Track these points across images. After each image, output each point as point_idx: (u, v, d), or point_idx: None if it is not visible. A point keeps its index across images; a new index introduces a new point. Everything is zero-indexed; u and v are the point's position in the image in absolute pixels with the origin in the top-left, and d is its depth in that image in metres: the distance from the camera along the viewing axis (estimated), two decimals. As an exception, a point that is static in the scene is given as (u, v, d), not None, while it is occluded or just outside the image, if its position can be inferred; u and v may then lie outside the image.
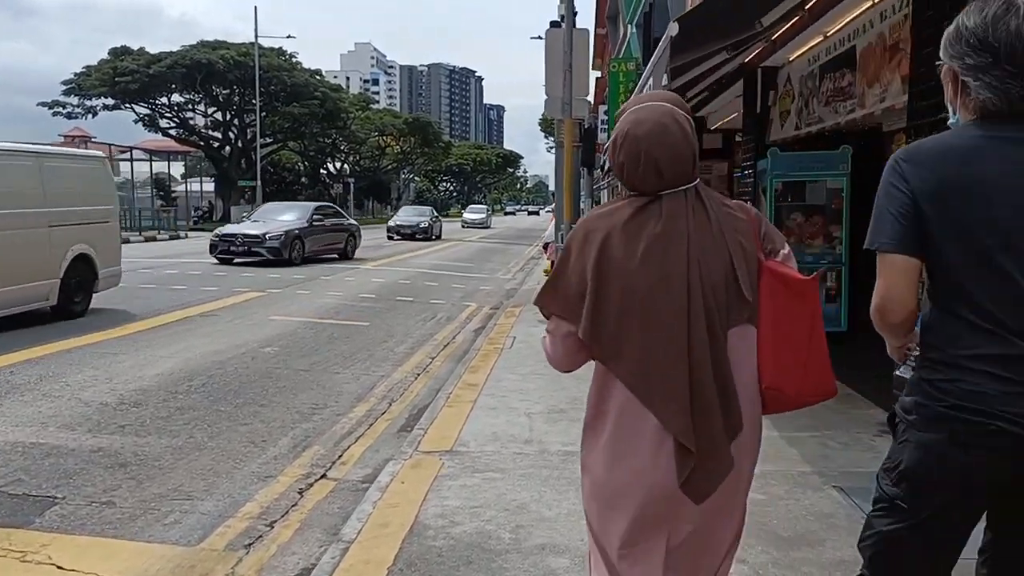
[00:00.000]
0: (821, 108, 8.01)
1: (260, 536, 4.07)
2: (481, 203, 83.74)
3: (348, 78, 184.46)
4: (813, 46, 8.42)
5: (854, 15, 7.10)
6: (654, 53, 6.63)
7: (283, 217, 20.93)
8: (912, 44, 5.49)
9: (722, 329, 1.90)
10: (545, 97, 9.70)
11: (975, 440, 1.75)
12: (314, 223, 21.07)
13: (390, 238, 34.36)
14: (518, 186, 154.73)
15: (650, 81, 6.20)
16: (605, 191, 40.96)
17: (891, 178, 1.87)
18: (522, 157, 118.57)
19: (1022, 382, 1.72)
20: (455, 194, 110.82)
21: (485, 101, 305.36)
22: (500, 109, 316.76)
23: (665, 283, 1.88)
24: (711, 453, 1.88)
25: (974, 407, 1.75)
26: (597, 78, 34.14)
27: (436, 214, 39.64)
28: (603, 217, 1.99)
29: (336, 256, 22.01)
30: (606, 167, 31.71)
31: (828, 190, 9.29)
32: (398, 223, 36.21)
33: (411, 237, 34.50)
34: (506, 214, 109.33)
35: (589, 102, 9.94)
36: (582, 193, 18.58)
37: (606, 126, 20.88)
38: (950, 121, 1.96)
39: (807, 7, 7.36)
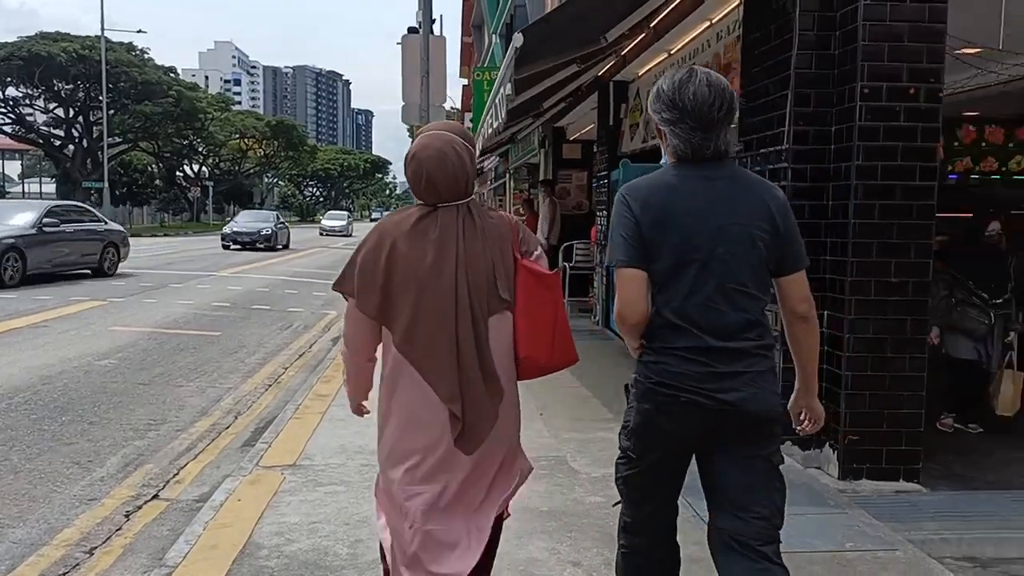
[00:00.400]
0: (666, 122, 8.34)
1: (77, 564, 3.80)
2: (344, 209, 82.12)
3: (207, 77, 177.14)
4: (659, 62, 8.76)
5: (694, 34, 7.43)
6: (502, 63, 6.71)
7: (-3, 221, 15.20)
8: (741, 64, 5.79)
9: (483, 316, 2.38)
10: (403, 103, 9.64)
11: (673, 409, 2.32)
12: (46, 229, 15.56)
13: (226, 247, 29.71)
14: (387, 192, 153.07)
15: (501, 90, 6.25)
16: (475, 197, 41.12)
17: (620, 209, 2.36)
18: (391, 163, 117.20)
19: (707, 364, 2.28)
20: (322, 199, 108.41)
21: (353, 105, 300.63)
22: (368, 114, 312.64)
23: (439, 279, 2.35)
24: (475, 416, 2.38)
25: (672, 384, 2.31)
26: (464, 86, 34.25)
27: (281, 219, 34.44)
28: (395, 221, 2.47)
29: (89, 272, 17.00)
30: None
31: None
32: (235, 230, 30.76)
33: (251, 246, 29.68)
34: (372, 220, 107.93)
35: (446, 109, 9.92)
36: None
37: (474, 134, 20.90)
38: (661, 161, 2.47)
39: (652, 25, 7.66)
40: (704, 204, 2.29)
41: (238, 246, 29.63)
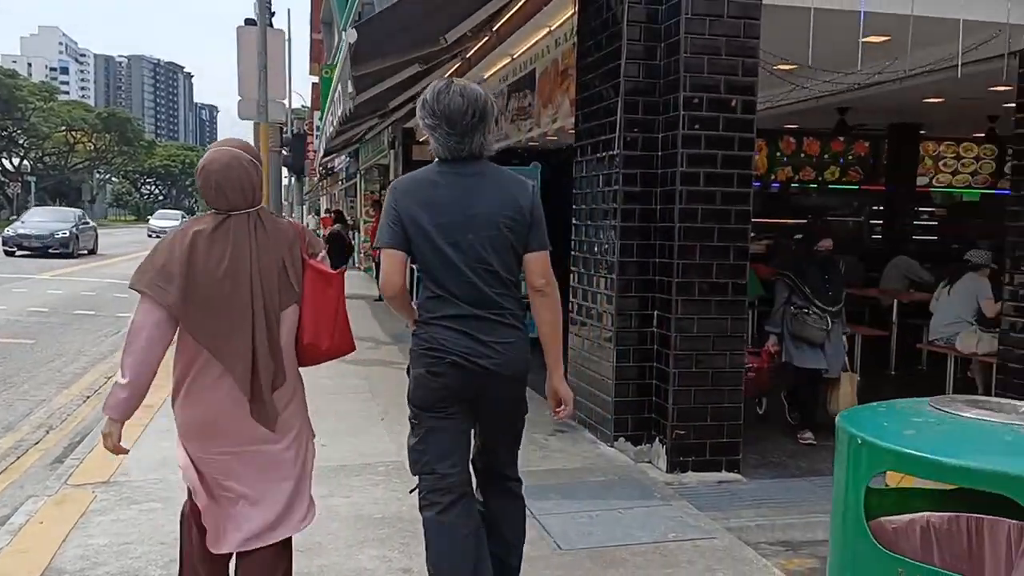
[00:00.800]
0: (508, 126, 8.44)
1: None
2: (186, 209, 77.95)
3: (30, 64, 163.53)
4: (503, 66, 8.85)
5: (535, 40, 7.55)
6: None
7: None
8: (576, 70, 5.94)
9: (275, 311, 2.64)
10: (239, 98, 9.25)
11: (442, 370, 2.69)
12: None
13: (9, 253, 23.90)
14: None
15: (339, 88, 6.10)
16: (325, 197, 40.27)
17: (389, 199, 2.78)
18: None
19: (465, 331, 2.68)
20: (161, 198, 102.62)
21: (196, 100, 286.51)
22: (213, 109, 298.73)
23: (234, 278, 2.59)
24: (265, 396, 2.62)
25: (438, 348, 2.69)
26: (314, 84, 33.37)
27: (86, 219, 28.63)
28: (194, 224, 2.69)
29: None
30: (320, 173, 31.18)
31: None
32: (20, 232, 24.65)
33: (43, 252, 23.83)
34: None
35: (291, 107, 9.61)
36: (291, 200, 17.97)
37: (320, 132, 20.43)
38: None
39: (495, 28, 7.72)
40: (459, 196, 2.72)
41: (26, 252, 23.93)
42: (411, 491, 2.88)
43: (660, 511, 4.23)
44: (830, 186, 14.13)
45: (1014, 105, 5.92)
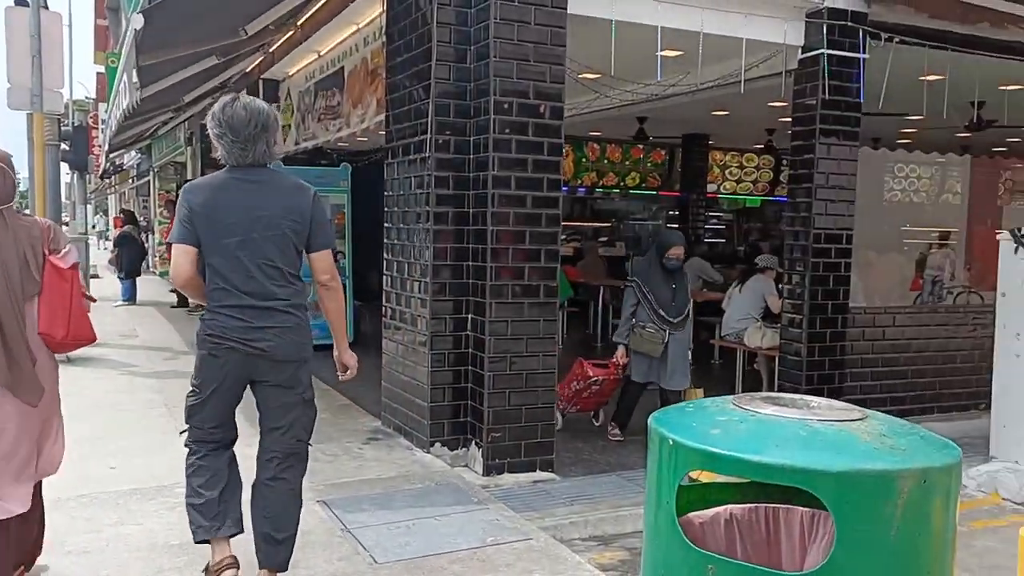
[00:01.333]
0: (315, 125, 8.16)
1: None
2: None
3: None
4: (310, 63, 8.55)
5: (343, 37, 7.35)
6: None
7: None
8: (386, 70, 5.83)
9: (19, 302, 2.98)
10: (8, 86, 8.30)
11: (220, 352, 3.07)
12: None
13: None
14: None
15: (124, 78, 5.61)
16: (113, 196, 37.24)
17: (182, 200, 3.10)
18: (11, 155, 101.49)
19: (243, 319, 3.04)
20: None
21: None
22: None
23: None
24: (23, 379, 2.99)
25: (219, 334, 3.05)
26: (99, 73, 30.84)
27: None
28: None
29: None
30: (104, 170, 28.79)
31: (331, 206, 9.52)
32: None
33: None
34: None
35: (64, 95, 8.73)
36: (73, 199, 16.45)
37: (105, 125, 18.86)
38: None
39: (299, 23, 7.43)
40: (245, 199, 3.04)
41: None
42: (180, 432, 3.28)
43: (478, 515, 4.22)
44: (631, 191, 14.90)
45: (790, 119, 6.45)
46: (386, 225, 5.91)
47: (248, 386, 3.19)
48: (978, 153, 12.92)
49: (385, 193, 5.88)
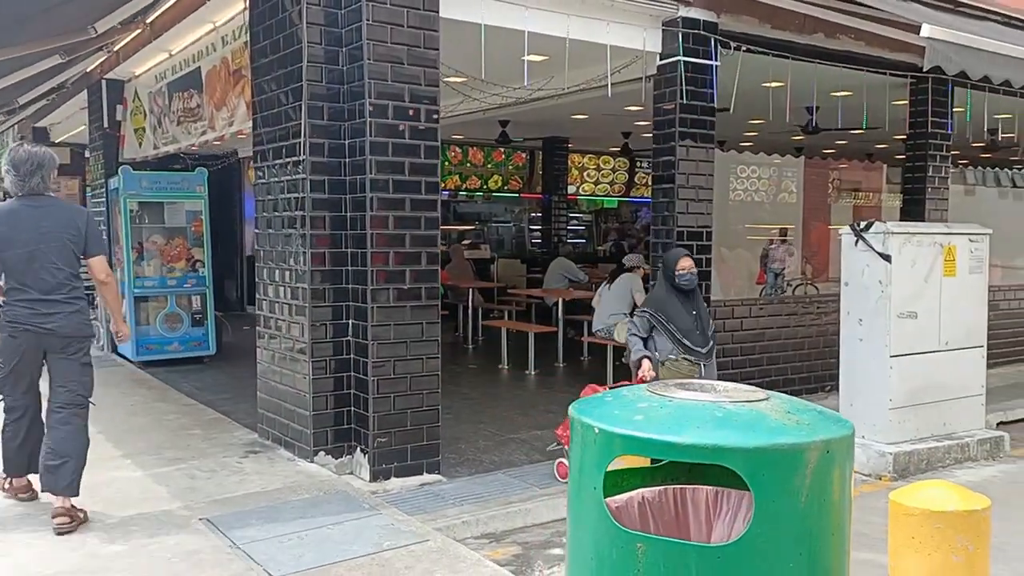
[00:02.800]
0: (175, 128, 7.78)
1: None
2: None
3: None
4: (160, 62, 8.14)
5: (197, 36, 7.05)
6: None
7: None
8: (251, 72, 5.65)
9: None
10: None
11: (18, 334, 4.08)
12: None
13: None
14: None
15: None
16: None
17: None
18: None
19: (35, 310, 4.04)
20: None
21: None
22: None
23: None
24: None
25: (16, 321, 4.06)
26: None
27: None
28: None
29: None
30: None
31: (188, 212, 9.10)
32: None
33: None
34: None
35: None
36: None
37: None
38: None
39: (148, 21, 7.07)
40: (32, 219, 4.08)
41: None
42: None
43: (370, 521, 4.18)
44: (494, 194, 15.10)
45: (645, 123, 6.76)
46: (255, 231, 5.72)
47: (44, 360, 4.17)
48: (810, 155, 14.00)
49: (256, 198, 5.70)
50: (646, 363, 4.91)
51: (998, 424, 6.73)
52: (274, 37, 5.32)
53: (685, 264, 5.03)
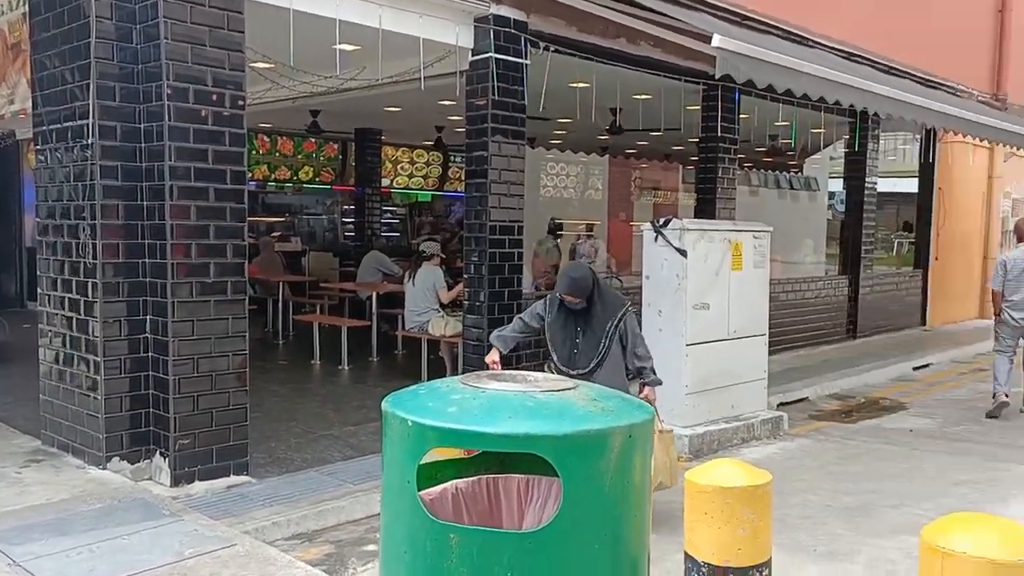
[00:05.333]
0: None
1: None
2: None
3: None
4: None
5: (-35, 2, 6.31)
6: None
7: None
8: (31, 46, 5.14)
9: None
10: None
11: None
12: None
13: None
14: None
15: None
16: None
17: None
18: None
19: None
20: None
21: None
22: None
23: None
24: None
25: None
26: None
27: None
28: None
29: None
30: None
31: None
32: None
33: None
34: None
35: None
36: None
37: None
38: None
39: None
40: None
41: None
42: None
43: (171, 528, 3.93)
44: (305, 185, 14.66)
45: (459, 117, 6.83)
46: (37, 220, 5.23)
47: None
48: (614, 154, 14.73)
49: (36, 185, 5.19)
50: (494, 352, 4.67)
51: (778, 405, 7.39)
52: (57, 9, 4.87)
53: (568, 299, 4.48)
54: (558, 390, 1.93)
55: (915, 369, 9.56)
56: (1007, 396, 7.34)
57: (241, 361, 4.91)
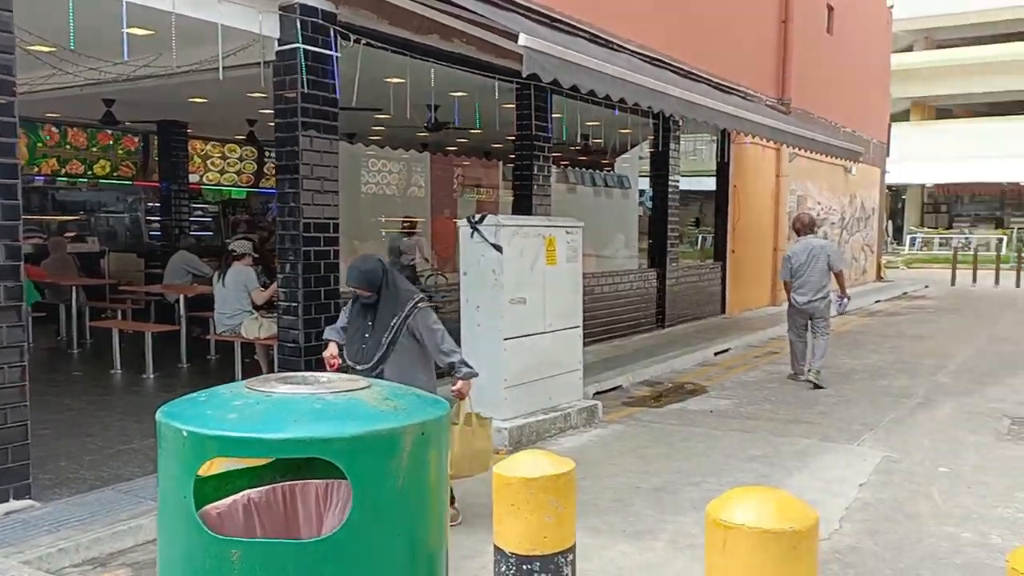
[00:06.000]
0: None
1: None
2: None
3: None
4: None
5: None
6: None
7: None
8: None
9: None
10: None
11: None
12: None
13: None
14: None
15: None
16: None
17: None
18: None
19: None
20: None
21: None
22: None
23: None
24: None
25: None
26: None
27: None
28: None
29: None
30: None
31: None
32: None
33: None
34: None
35: None
36: None
37: None
38: None
39: None
40: None
41: None
42: None
43: (-68, 568, 3.50)
44: (102, 181, 13.57)
45: (271, 111, 6.55)
46: None
47: None
48: (436, 151, 14.75)
49: None
50: (332, 347, 4.56)
51: (594, 394, 7.67)
52: None
53: (358, 292, 4.43)
54: (350, 391, 1.86)
55: (716, 354, 10.23)
56: (802, 366, 8.56)
57: (19, 374, 4.45)
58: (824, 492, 5.07)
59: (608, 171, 15.20)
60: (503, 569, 2.72)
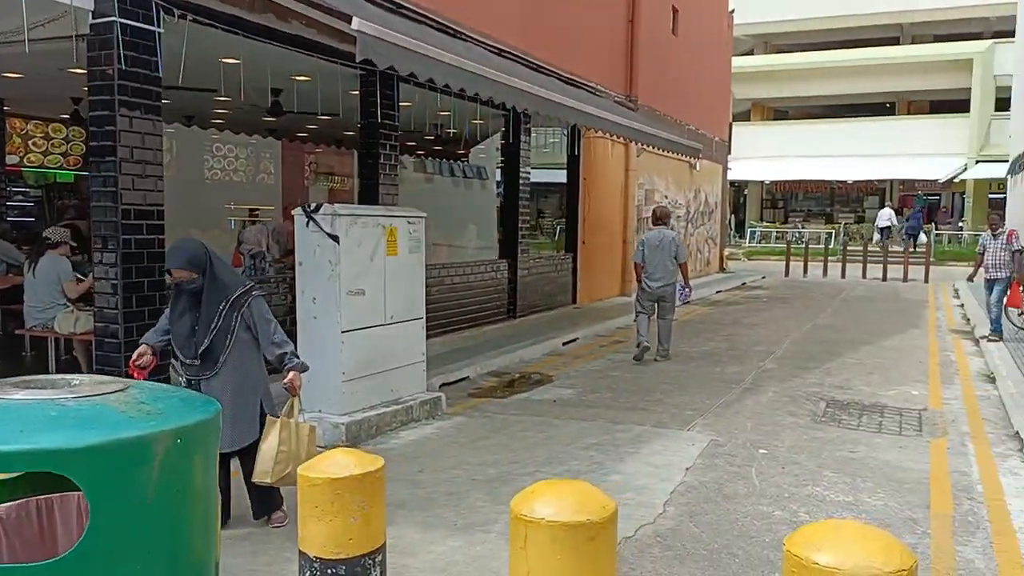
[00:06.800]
0: None
1: None
2: None
3: None
4: None
5: None
6: None
7: None
8: None
9: None
10: None
11: None
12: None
13: None
14: None
15: None
16: None
17: None
18: None
19: None
20: None
21: None
22: None
23: None
24: None
25: None
26: None
27: None
28: None
29: None
30: None
31: None
32: None
33: None
34: None
35: None
36: None
37: None
38: None
39: None
40: None
41: None
42: None
43: None
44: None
45: (87, 88, 6.07)
46: None
47: None
48: (285, 137, 14.21)
49: None
50: (140, 349, 4.26)
51: (441, 386, 7.61)
52: None
53: (180, 276, 4.19)
54: (98, 395, 1.69)
55: (564, 344, 10.40)
56: (647, 342, 9.17)
57: None
58: (653, 477, 5.23)
59: (466, 162, 15.17)
60: (307, 575, 2.60)
